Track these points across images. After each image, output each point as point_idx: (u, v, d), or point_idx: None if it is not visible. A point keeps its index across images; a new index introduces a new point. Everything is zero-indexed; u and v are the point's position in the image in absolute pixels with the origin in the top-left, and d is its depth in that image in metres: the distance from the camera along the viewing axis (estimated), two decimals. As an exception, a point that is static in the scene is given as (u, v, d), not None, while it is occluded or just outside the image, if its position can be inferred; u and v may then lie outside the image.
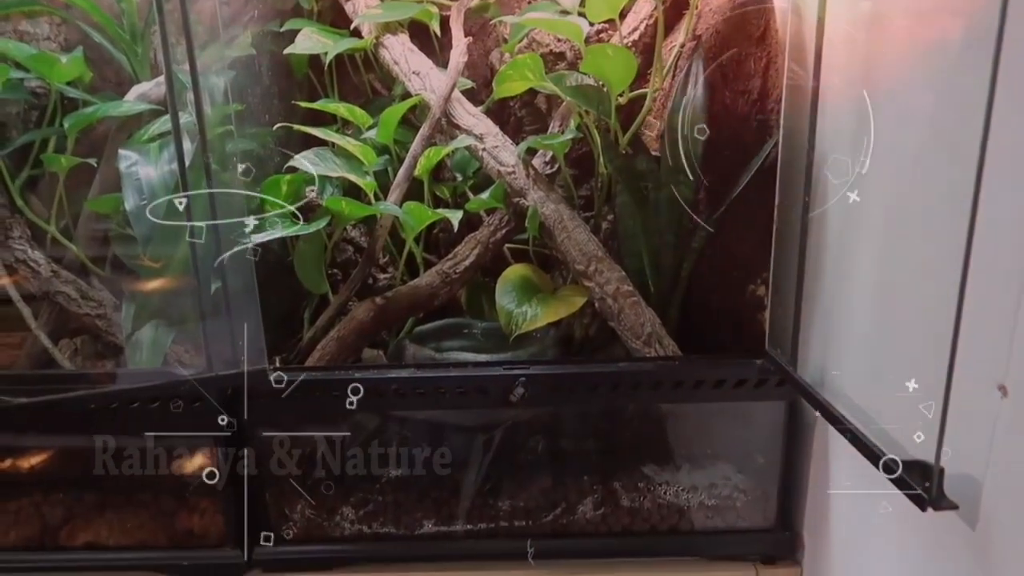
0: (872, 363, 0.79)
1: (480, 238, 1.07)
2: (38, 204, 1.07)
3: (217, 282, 0.92)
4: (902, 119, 0.73)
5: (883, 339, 0.77)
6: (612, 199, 1.06)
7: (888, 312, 0.76)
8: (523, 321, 0.98)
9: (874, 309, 0.79)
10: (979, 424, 0.61)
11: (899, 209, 0.75)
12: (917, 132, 0.72)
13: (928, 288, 0.69)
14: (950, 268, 0.60)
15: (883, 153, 0.77)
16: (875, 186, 0.79)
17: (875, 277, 0.79)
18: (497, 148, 1.03)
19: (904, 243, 0.74)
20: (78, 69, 1.00)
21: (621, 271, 0.99)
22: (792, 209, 0.89)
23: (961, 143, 0.62)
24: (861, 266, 0.81)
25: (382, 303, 1.03)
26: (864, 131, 0.79)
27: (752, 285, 0.99)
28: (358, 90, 1.20)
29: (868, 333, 0.80)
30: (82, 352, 1.03)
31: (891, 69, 0.76)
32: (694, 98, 0.97)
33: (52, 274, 1.01)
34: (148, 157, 0.95)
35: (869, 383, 0.80)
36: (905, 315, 0.73)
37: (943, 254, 0.64)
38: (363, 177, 1.00)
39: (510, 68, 0.99)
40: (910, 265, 0.73)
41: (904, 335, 0.73)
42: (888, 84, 0.76)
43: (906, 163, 0.73)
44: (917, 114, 0.71)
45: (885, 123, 0.76)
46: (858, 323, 0.82)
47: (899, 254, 0.75)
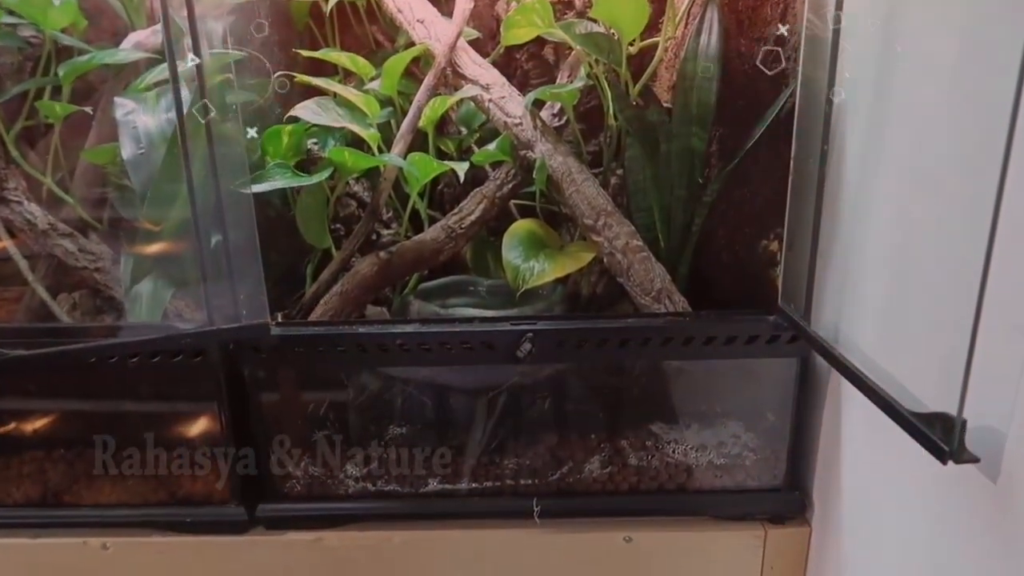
0: (890, 316, 0.77)
1: (486, 193, 1.05)
2: (33, 157, 1.05)
3: (217, 236, 0.90)
4: (927, 68, 0.70)
5: (903, 291, 0.75)
6: (621, 153, 1.03)
7: (908, 263, 0.74)
8: (530, 276, 0.96)
9: (893, 261, 0.77)
10: (1004, 376, 0.59)
11: (921, 160, 0.72)
12: (942, 81, 0.69)
13: (952, 238, 0.66)
14: (977, 217, 0.57)
15: (905, 103, 0.74)
16: (896, 138, 0.76)
17: (895, 228, 0.76)
18: (504, 99, 1.01)
19: (926, 194, 0.71)
20: (71, 15, 0.97)
21: (631, 226, 0.97)
22: (809, 161, 0.87)
23: (990, 91, 0.59)
24: (880, 218, 0.79)
25: (386, 258, 1.01)
26: (885, 79, 0.77)
27: (765, 240, 0.96)
28: (360, 42, 1.17)
29: (887, 286, 0.78)
30: (81, 306, 1.01)
31: (914, 20, 0.72)
32: (708, 46, 0.94)
33: (49, 227, 0.99)
34: (145, 105, 0.92)
35: (887, 337, 0.78)
36: (927, 266, 0.71)
37: (968, 203, 0.62)
38: (367, 128, 0.98)
39: (518, 13, 0.96)
40: (931, 215, 0.70)
41: (925, 287, 0.71)
42: (912, 32, 0.73)
43: (929, 115, 0.70)
44: (942, 63, 0.68)
45: (909, 72, 0.73)
46: (876, 276, 0.79)
47: (920, 205, 0.72)
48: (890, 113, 0.77)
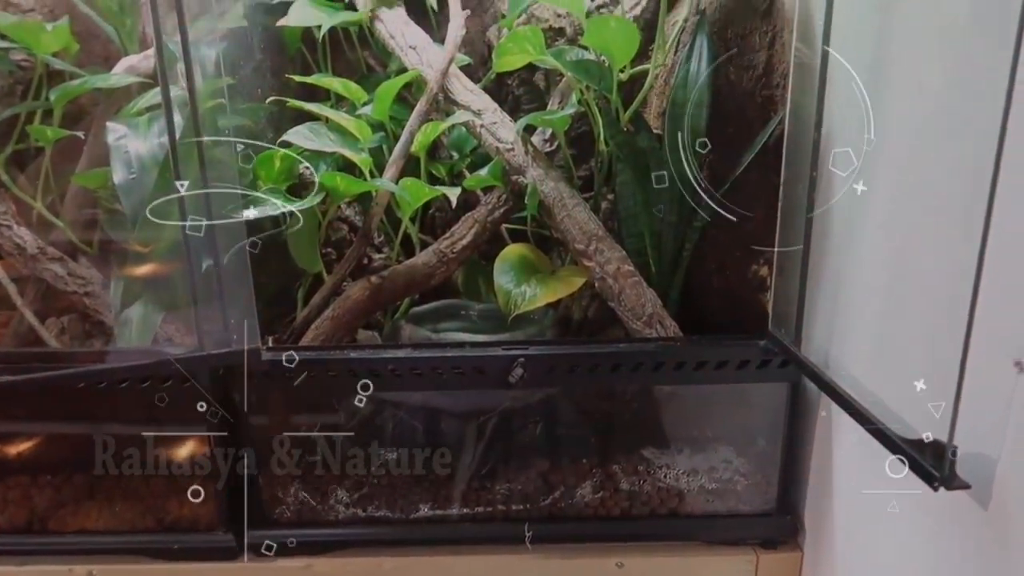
0: (880, 342, 0.78)
1: (477, 217, 1.05)
2: (23, 181, 1.04)
3: (209, 260, 0.90)
4: (913, 96, 0.72)
5: (892, 318, 0.76)
6: (612, 178, 1.04)
7: (898, 289, 0.75)
8: (522, 301, 0.96)
9: (883, 286, 0.77)
10: (994, 401, 0.59)
11: (909, 186, 0.73)
12: (928, 109, 0.70)
13: (941, 263, 0.67)
14: (965, 242, 0.58)
15: (892, 130, 0.75)
16: (884, 163, 0.77)
17: (884, 254, 0.77)
18: (495, 124, 1.01)
19: (915, 219, 0.72)
20: (64, 39, 0.97)
21: (622, 251, 0.97)
22: (797, 187, 0.88)
23: (977, 117, 0.60)
24: (869, 243, 0.80)
25: (377, 283, 1.01)
26: (874, 108, 0.78)
27: (755, 265, 0.97)
28: (352, 67, 1.18)
29: (876, 311, 0.78)
30: (69, 331, 1.00)
31: (902, 46, 0.74)
32: (697, 74, 0.95)
33: (39, 251, 0.98)
34: (137, 130, 0.92)
35: (876, 363, 0.78)
36: (916, 292, 0.71)
37: (957, 229, 0.62)
38: (358, 153, 0.98)
39: (510, 40, 0.97)
40: (921, 241, 0.71)
41: (915, 312, 0.71)
42: (899, 61, 0.74)
43: (917, 140, 0.71)
44: (928, 91, 0.69)
45: (895, 100, 0.75)
46: (866, 301, 0.80)
47: (909, 230, 0.73)
48: (878, 138, 0.78)
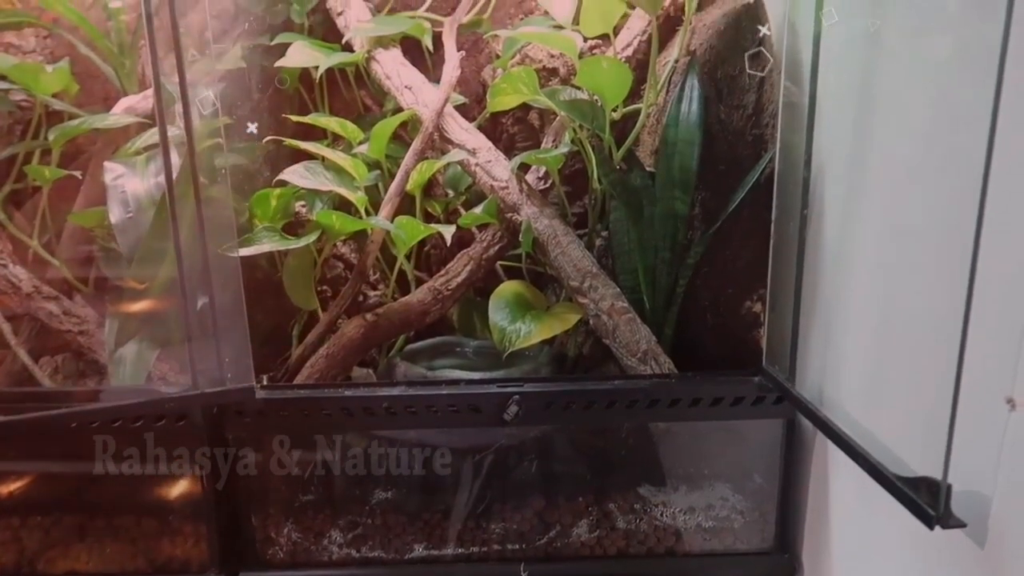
0: (873, 378, 0.78)
1: (472, 254, 1.06)
2: (20, 219, 1.05)
3: (204, 298, 0.90)
4: (899, 134, 0.73)
5: (885, 353, 0.76)
6: (606, 215, 1.04)
7: (889, 326, 0.75)
8: (516, 338, 0.96)
9: (875, 323, 0.78)
10: (987, 439, 0.59)
11: (899, 222, 0.74)
12: (915, 146, 0.71)
13: (931, 301, 0.67)
14: (955, 280, 0.59)
15: (881, 167, 0.76)
16: (873, 200, 0.78)
17: (875, 291, 0.78)
18: (490, 163, 1.02)
19: (905, 256, 0.73)
20: (63, 80, 0.99)
21: (616, 287, 0.98)
22: (789, 224, 0.89)
23: (961, 156, 0.61)
24: (860, 280, 0.80)
25: (372, 320, 1.01)
26: (861, 146, 0.79)
27: (748, 301, 0.97)
28: (349, 106, 1.19)
29: (869, 348, 0.79)
30: (63, 370, 1.00)
31: (888, 85, 0.75)
32: (689, 113, 0.96)
33: (34, 290, 0.98)
34: (135, 170, 0.93)
35: (870, 399, 0.78)
36: (907, 328, 0.72)
37: (946, 266, 0.63)
38: (354, 192, 0.99)
39: (504, 81, 0.98)
40: (912, 278, 0.71)
41: (906, 349, 0.72)
42: (885, 100, 0.75)
43: (904, 177, 0.72)
44: (914, 128, 0.71)
45: (882, 138, 0.76)
46: (858, 338, 0.80)
47: (900, 267, 0.74)
48: (867, 176, 0.79)
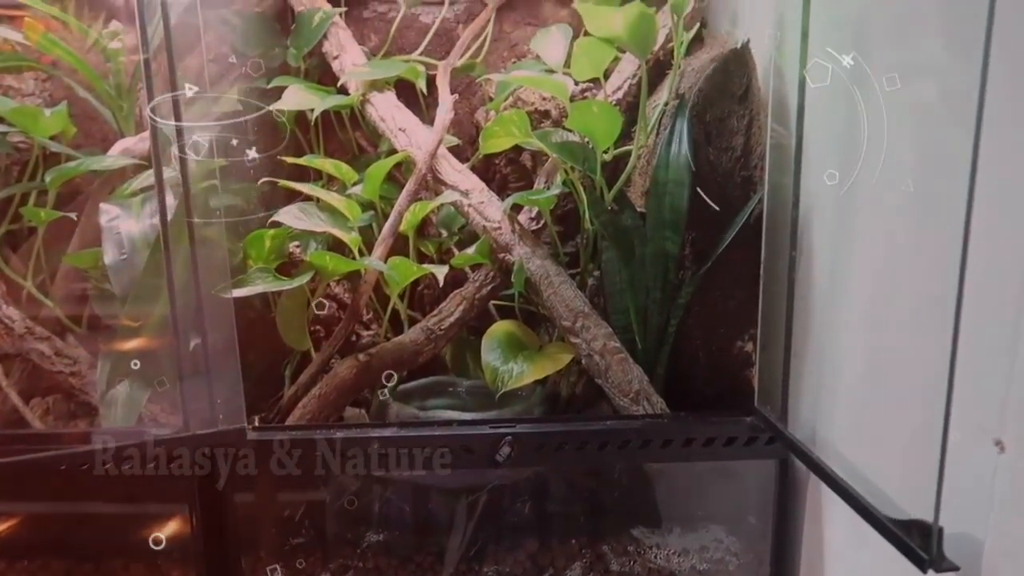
0: (865, 419, 0.78)
1: (465, 294, 1.06)
2: (15, 259, 1.05)
3: (196, 339, 0.90)
4: (885, 175, 0.74)
5: (875, 394, 0.76)
6: (598, 255, 1.05)
7: (879, 366, 0.76)
8: (509, 378, 0.96)
9: (865, 363, 0.78)
10: (978, 480, 0.59)
11: (885, 263, 0.75)
12: (899, 187, 0.72)
13: (919, 341, 0.68)
14: (941, 321, 0.59)
15: (867, 207, 0.77)
16: (860, 241, 0.79)
17: (864, 331, 0.78)
18: (483, 204, 1.03)
19: (892, 297, 0.74)
20: (61, 123, 1.00)
21: (608, 327, 0.98)
22: (778, 265, 0.89)
23: (945, 196, 0.62)
24: (850, 321, 0.81)
25: (365, 360, 1.01)
26: (848, 188, 0.80)
27: (740, 341, 0.98)
28: (344, 147, 1.20)
29: (859, 388, 0.79)
30: (54, 411, 0.99)
31: (872, 127, 0.76)
32: (678, 155, 0.98)
33: (26, 331, 0.98)
34: (130, 211, 0.94)
35: (862, 439, 0.78)
36: (897, 369, 0.72)
37: (933, 307, 0.63)
38: (348, 232, 1.00)
39: (496, 124, 0.99)
40: (900, 319, 0.72)
41: (896, 389, 0.72)
42: (869, 141, 0.76)
43: (890, 217, 0.74)
44: (900, 169, 0.72)
45: (868, 180, 0.77)
46: (849, 378, 0.81)
47: (888, 308, 0.74)
48: (854, 216, 0.80)
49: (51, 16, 1.03)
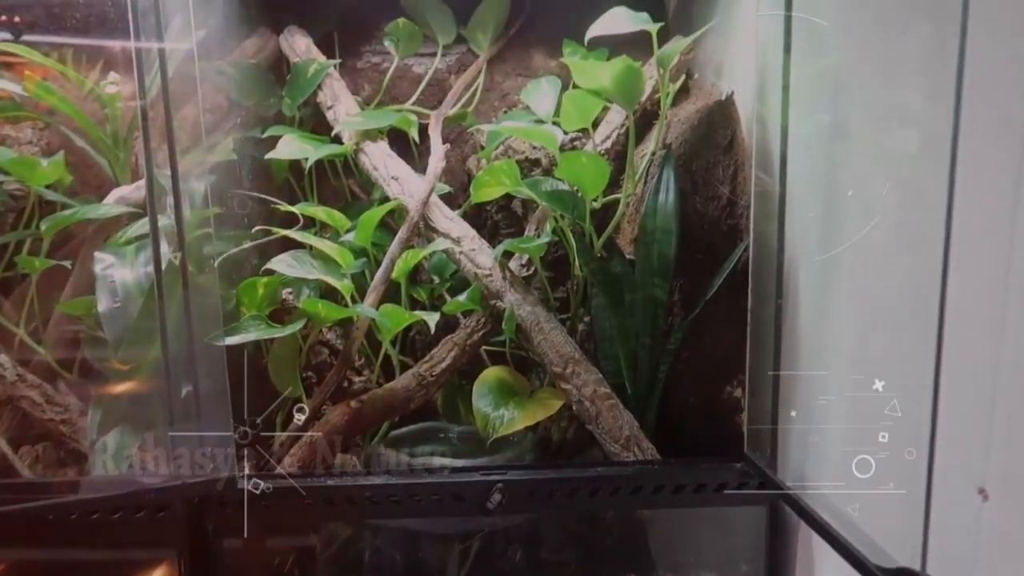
0: (853, 465, 0.78)
1: (457, 340, 1.07)
2: (7, 305, 1.06)
3: (188, 386, 0.90)
4: (867, 220, 0.76)
5: (862, 441, 0.77)
6: (588, 301, 1.06)
7: (865, 413, 0.76)
8: (500, 425, 0.96)
9: (852, 410, 0.79)
10: (963, 528, 0.60)
11: (870, 308, 0.76)
12: (882, 233, 0.74)
13: (903, 388, 0.69)
14: (923, 368, 0.60)
15: (850, 254, 0.79)
16: (845, 287, 0.80)
17: (850, 379, 0.79)
18: (474, 251, 1.05)
19: (876, 344, 0.75)
20: (58, 172, 1.01)
21: (598, 373, 0.99)
22: (765, 312, 0.91)
23: (925, 243, 0.64)
24: (836, 367, 0.82)
25: (357, 407, 1.01)
26: (831, 233, 0.82)
27: (729, 387, 0.99)
28: (337, 194, 1.22)
29: (847, 435, 0.80)
30: (43, 460, 0.99)
31: (853, 174, 0.78)
32: (666, 203, 1.00)
33: (17, 378, 0.98)
34: (124, 259, 0.94)
35: (850, 485, 0.79)
36: (883, 416, 0.73)
37: (915, 354, 0.65)
38: (340, 279, 1.01)
39: (487, 174, 1.01)
40: (884, 365, 0.73)
41: (881, 438, 0.73)
42: (851, 189, 0.78)
43: (872, 264, 0.75)
44: (881, 215, 0.73)
45: (851, 225, 0.79)
46: (836, 425, 0.81)
47: (872, 355, 0.75)
48: (838, 263, 0.81)
49: (49, 65, 1.05)
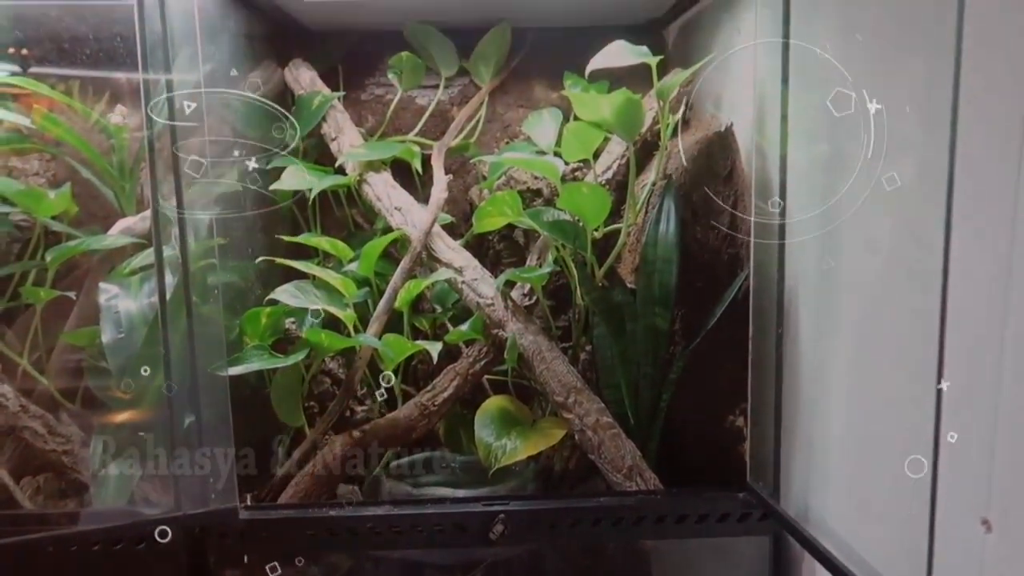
0: (857, 495, 0.78)
1: (459, 370, 1.07)
2: (11, 335, 1.06)
3: (191, 416, 0.91)
4: (866, 250, 0.76)
5: (866, 470, 0.77)
6: (590, 330, 1.07)
7: (868, 442, 0.76)
8: (502, 455, 0.96)
9: (854, 440, 0.79)
10: (968, 560, 0.60)
11: (868, 339, 0.76)
12: (881, 261, 0.74)
13: (904, 418, 0.69)
14: (925, 398, 0.61)
15: (850, 282, 0.79)
16: (844, 316, 0.81)
17: (852, 408, 0.79)
18: (476, 280, 1.05)
19: (876, 373, 0.75)
20: (64, 204, 1.02)
21: (600, 402, 0.99)
22: (766, 341, 0.91)
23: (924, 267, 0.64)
24: (838, 396, 0.82)
25: (359, 437, 1.01)
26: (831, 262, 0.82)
27: (731, 416, 0.99)
28: (340, 224, 1.23)
29: (850, 464, 0.80)
30: (44, 491, 0.99)
31: (851, 203, 0.79)
32: (667, 233, 1.00)
33: (20, 409, 0.98)
34: (129, 290, 0.95)
35: (854, 515, 0.78)
36: (885, 446, 0.73)
37: (916, 382, 0.65)
38: (343, 309, 1.01)
39: (489, 204, 1.02)
40: (886, 395, 0.73)
41: (886, 466, 0.73)
42: (850, 219, 0.79)
43: (871, 293, 0.76)
44: (880, 244, 0.74)
45: (851, 254, 0.79)
46: (840, 454, 0.81)
47: (872, 384, 0.76)
48: (838, 293, 0.82)
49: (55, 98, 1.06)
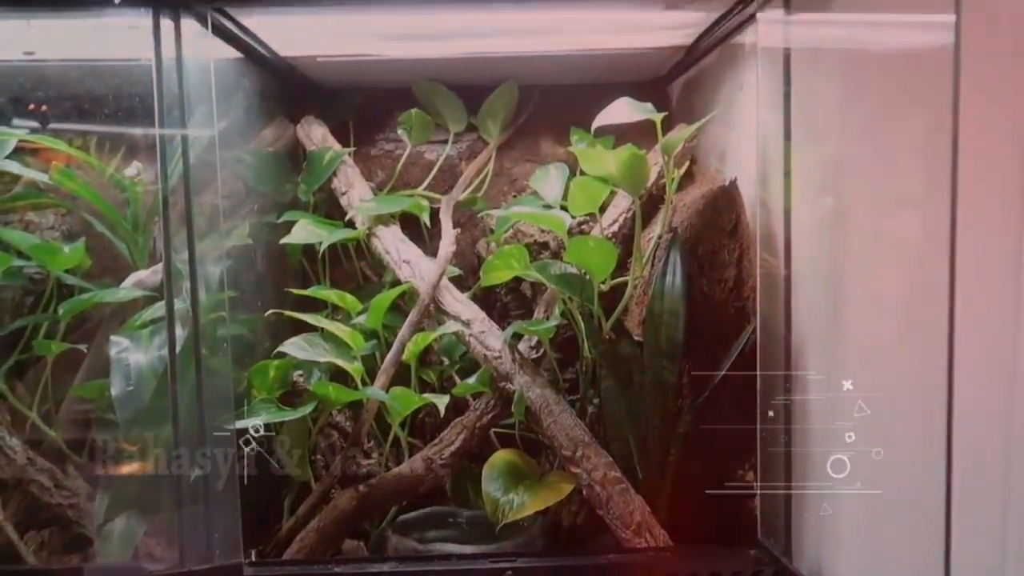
0: (870, 552, 0.77)
1: (466, 423, 1.07)
2: (20, 387, 1.06)
3: (197, 470, 0.90)
4: (872, 301, 0.76)
5: (878, 526, 0.76)
6: (597, 383, 1.06)
7: (880, 498, 0.75)
8: (510, 510, 0.95)
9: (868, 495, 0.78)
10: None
11: (877, 391, 0.76)
12: (885, 314, 0.74)
13: (914, 472, 0.68)
14: (936, 455, 0.60)
15: (856, 335, 0.79)
16: (853, 367, 0.80)
17: (863, 461, 0.78)
18: (484, 333, 1.06)
19: (887, 428, 0.74)
20: (78, 258, 1.03)
21: (608, 456, 0.98)
22: (774, 393, 0.90)
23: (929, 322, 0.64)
24: (849, 449, 0.81)
25: (365, 491, 1.01)
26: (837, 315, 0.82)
27: (741, 470, 0.98)
28: (349, 276, 1.24)
29: (863, 520, 0.78)
30: (49, 546, 0.98)
31: (856, 257, 0.80)
32: (673, 286, 1.01)
33: (27, 461, 0.98)
34: (139, 343, 0.95)
35: (868, 571, 0.77)
36: (897, 499, 0.72)
37: (927, 434, 0.64)
38: (351, 362, 1.01)
39: (497, 258, 1.03)
40: (895, 448, 0.73)
41: (899, 523, 0.72)
42: (855, 270, 0.79)
43: (879, 345, 0.75)
44: (885, 295, 0.74)
45: (857, 305, 0.79)
46: (851, 511, 0.80)
47: (882, 438, 0.75)
48: (845, 344, 0.82)
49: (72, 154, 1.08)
